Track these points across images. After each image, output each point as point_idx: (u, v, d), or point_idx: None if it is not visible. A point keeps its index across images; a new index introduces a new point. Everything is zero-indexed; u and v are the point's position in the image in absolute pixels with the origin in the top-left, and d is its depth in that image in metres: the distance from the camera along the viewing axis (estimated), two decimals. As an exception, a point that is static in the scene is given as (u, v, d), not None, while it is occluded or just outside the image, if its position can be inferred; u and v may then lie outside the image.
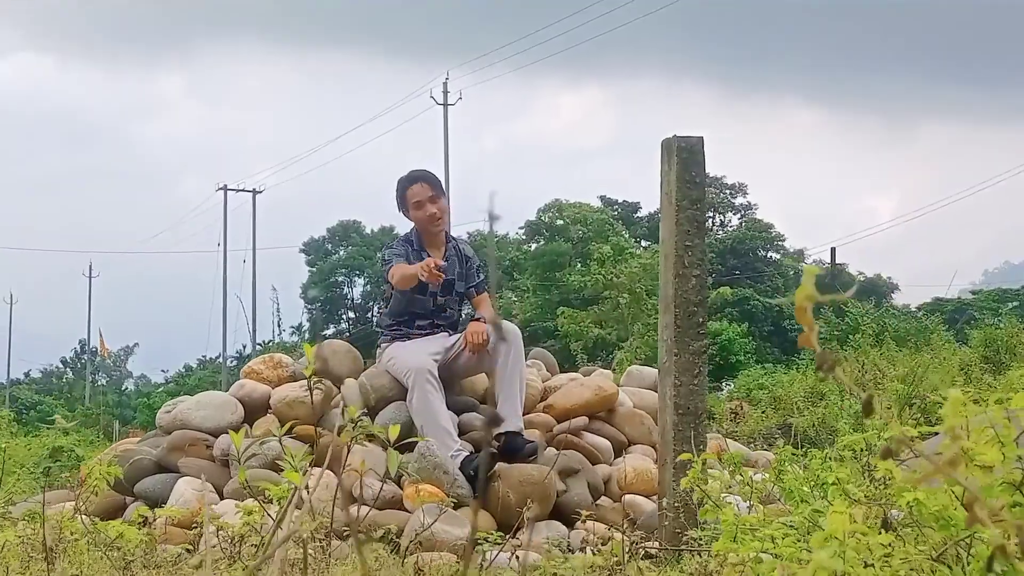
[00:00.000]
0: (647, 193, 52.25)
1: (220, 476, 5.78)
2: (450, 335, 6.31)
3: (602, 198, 54.02)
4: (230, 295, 47.45)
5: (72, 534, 3.97)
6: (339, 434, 4.27)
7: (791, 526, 2.46)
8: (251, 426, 6.09)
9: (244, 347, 48.26)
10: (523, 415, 6.12)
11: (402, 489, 5.54)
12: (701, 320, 4.83)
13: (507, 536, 4.50)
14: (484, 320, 6.20)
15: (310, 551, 4.14)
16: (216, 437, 5.97)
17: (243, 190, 50.14)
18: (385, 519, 5.12)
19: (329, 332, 52.83)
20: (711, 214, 55.98)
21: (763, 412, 15.50)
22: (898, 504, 2.03)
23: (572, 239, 48.62)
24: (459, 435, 5.97)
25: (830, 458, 3.44)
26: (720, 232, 54.32)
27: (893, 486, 1.97)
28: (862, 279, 52.68)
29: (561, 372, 7.16)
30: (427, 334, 6.27)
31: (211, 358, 54.30)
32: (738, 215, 55.75)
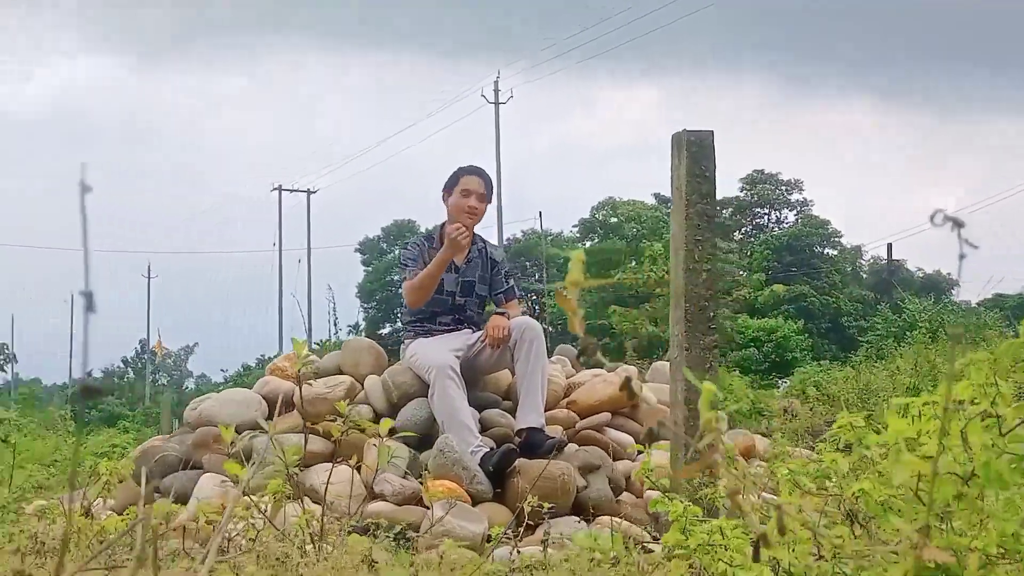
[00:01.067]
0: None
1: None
2: (473, 332, 6.33)
3: (656, 195, 53.85)
4: (286, 294, 47.89)
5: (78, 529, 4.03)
6: (345, 432, 4.31)
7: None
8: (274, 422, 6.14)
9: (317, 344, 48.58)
10: (546, 411, 6.13)
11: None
12: (712, 315, 4.80)
13: (522, 531, 4.52)
14: (506, 315, 6.21)
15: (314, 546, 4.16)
16: (240, 433, 6.03)
17: (298, 190, 50.59)
18: (403, 515, 5.15)
19: (385, 331, 53.09)
20: (766, 211, 55.64)
21: (811, 409, 15.37)
22: (845, 494, 2.01)
23: (627, 237, 48.55)
24: (481, 431, 5.99)
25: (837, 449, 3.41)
26: (775, 229, 53.96)
27: (839, 476, 1.96)
28: (920, 275, 52.06)
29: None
30: (450, 330, 6.30)
31: (269, 357, 54.78)
32: (794, 211, 55.33)
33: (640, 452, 4.13)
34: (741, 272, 45.12)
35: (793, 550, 2.02)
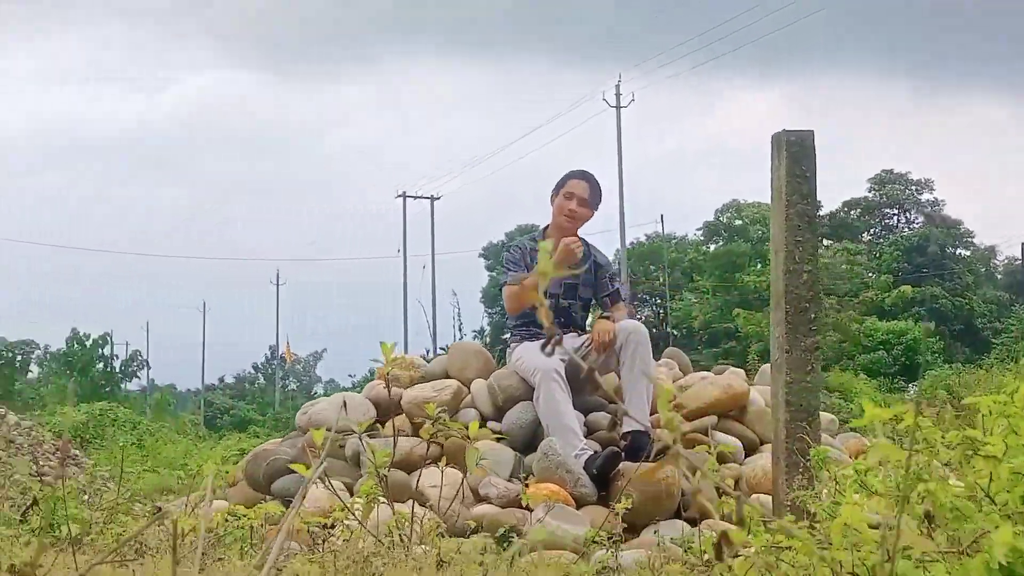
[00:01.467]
0: (828, 192, 51.22)
1: (352, 474, 5.95)
2: (578, 335, 6.35)
3: (782, 197, 53.04)
4: (411, 300, 48.44)
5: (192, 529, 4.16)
6: (434, 435, 4.36)
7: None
8: (383, 426, 6.24)
9: (427, 351, 49.18)
10: (651, 414, 6.11)
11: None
12: (813, 316, 4.74)
13: (622, 534, 4.52)
14: (612, 318, 6.21)
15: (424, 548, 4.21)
16: (348, 437, 6.14)
17: (421, 197, 51.14)
18: (506, 517, 5.19)
19: (507, 336, 53.26)
20: (895, 211, 54.47)
21: (938, 412, 15.04)
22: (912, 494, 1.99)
23: (752, 239, 48.01)
24: (587, 435, 6.00)
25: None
26: (906, 230, 52.79)
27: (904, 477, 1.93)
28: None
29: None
30: (554, 335, 6.32)
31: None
32: (923, 211, 54.05)
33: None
34: (869, 274, 44.27)
35: (858, 551, 2.00)
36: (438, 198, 51.42)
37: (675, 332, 43.36)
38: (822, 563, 1.87)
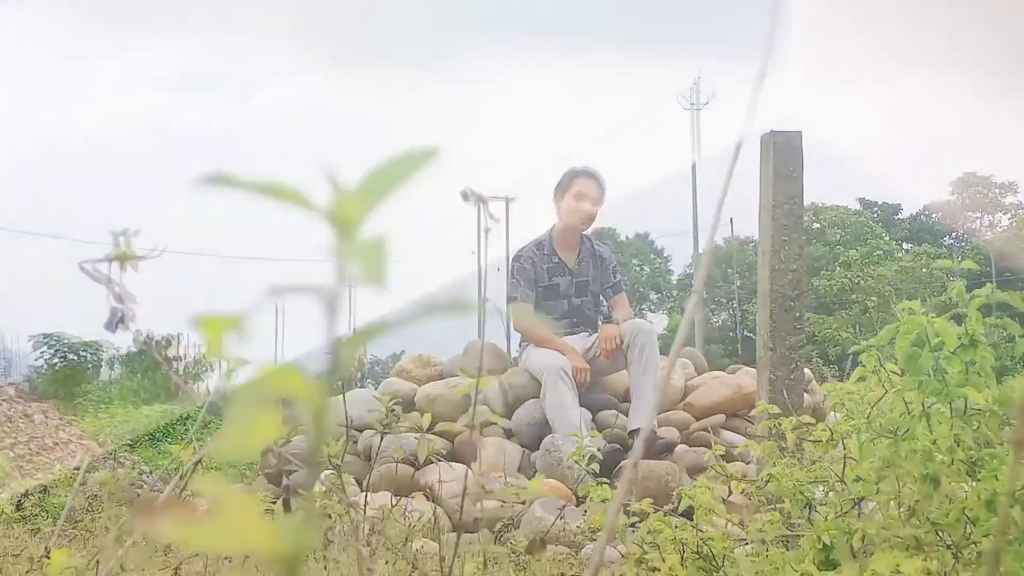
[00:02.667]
0: (910, 194, 50.53)
1: (363, 470, 6.09)
2: (589, 335, 6.43)
3: (860, 200, 52.52)
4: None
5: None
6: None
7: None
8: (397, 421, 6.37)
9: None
10: (662, 412, 6.17)
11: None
12: (798, 315, 4.78)
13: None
14: (615, 319, 6.28)
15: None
16: (361, 433, 6.28)
17: (497, 198, 51.28)
18: (504, 513, 5.29)
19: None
20: (978, 215, 53.56)
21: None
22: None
23: (829, 242, 47.54)
24: (598, 432, 6.07)
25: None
26: (988, 233, 51.89)
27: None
28: None
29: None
30: (566, 334, 6.40)
31: (472, 366, 55.57)
32: (1008, 215, 53.08)
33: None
34: (951, 278, 43.59)
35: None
36: (512, 199, 51.52)
37: (751, 335, 43.07)
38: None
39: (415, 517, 5.05)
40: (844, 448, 2.12)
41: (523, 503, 5.47)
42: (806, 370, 5.52)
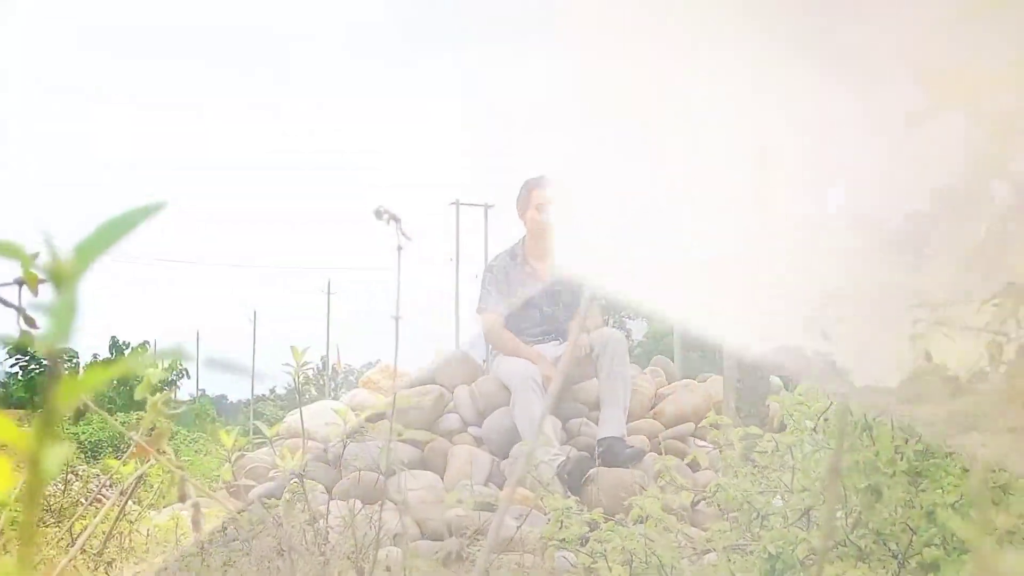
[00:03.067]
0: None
1: (332, 478, 6.07)
2: (560, 343, 6.43)
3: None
4: (463, 309, 48.44)
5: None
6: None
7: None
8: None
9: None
10: (631, 421, 6.18)
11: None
12: (764, 323, 4.81)
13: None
14: (585, 327, 6.28)
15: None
16: (329, 442, 6.26)
17: (475, 204, 51.04)
18: (470, 521, 5.28)
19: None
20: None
21: None
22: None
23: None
24: (567, 440, 6.08)
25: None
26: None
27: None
28: None
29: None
30: (538, 342, 6.40)
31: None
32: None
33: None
34: None
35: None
36: (491, 207, 51.32)
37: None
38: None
39: (380, 526, 5.03)
40: (792, 458, 2.14)
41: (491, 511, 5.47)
42: (773, 378, 5.52)
